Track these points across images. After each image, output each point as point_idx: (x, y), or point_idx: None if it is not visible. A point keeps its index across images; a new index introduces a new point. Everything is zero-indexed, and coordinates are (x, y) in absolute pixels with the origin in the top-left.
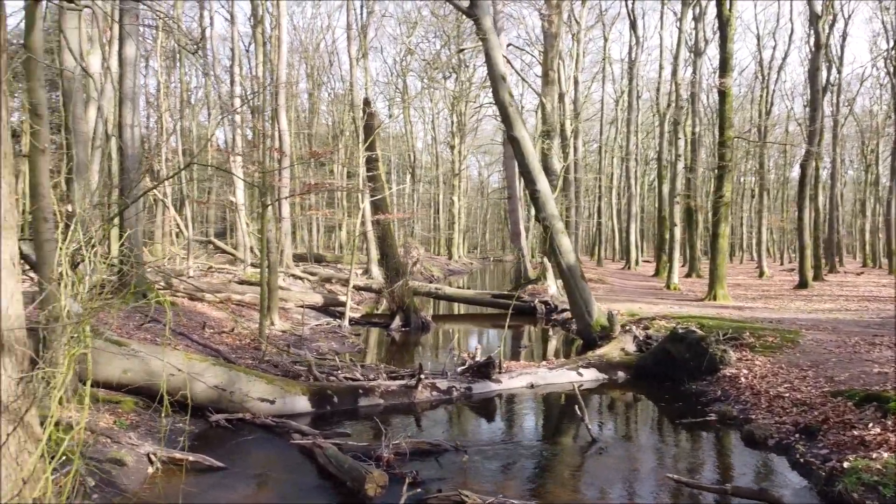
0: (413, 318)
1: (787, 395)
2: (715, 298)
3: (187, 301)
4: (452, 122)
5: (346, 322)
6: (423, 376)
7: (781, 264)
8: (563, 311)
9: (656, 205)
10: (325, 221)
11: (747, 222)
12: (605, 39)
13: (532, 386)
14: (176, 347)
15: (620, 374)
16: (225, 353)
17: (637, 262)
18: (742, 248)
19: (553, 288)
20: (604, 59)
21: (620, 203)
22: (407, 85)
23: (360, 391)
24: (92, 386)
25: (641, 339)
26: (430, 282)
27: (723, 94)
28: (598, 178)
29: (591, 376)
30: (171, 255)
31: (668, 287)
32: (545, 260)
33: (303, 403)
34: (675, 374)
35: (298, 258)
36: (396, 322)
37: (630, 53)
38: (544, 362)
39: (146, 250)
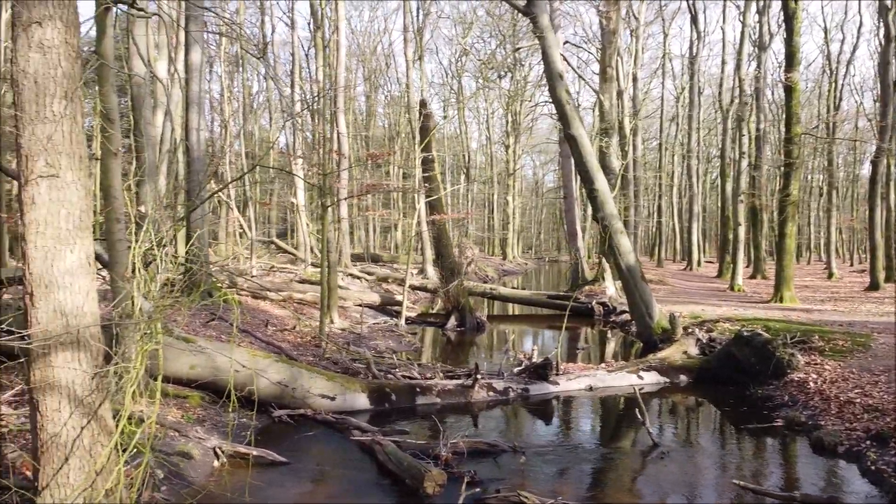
0: (468, 318)
1: (858, 400)
2: (781, 300)
3: (251, 299)
4: (507, 122)
5: (403, 321)
6: (479, 376)
7: (851, 265)
8: (622, 312)
9: (719, 204)
10: (381, 222)
11: (815, 221)
12: (665, 35)
13: (590, 388)
14: (240, 344)
15: (682, 377)
16: (287, 350)
17: (699, 263)
18: (809, 249)
19: (611, 289)
20: (663, 55)
21: (682, 202)
22: (462, 86)
23: (418, 389)
24: (161, 381)
25: (704, 341)
26: (485, 282)
27: (789, 90)
28: (658, 177)
29: (651, 380)
30: (235, 254)
31: (731, 288)
32: (603, 260)
33: (362, 400)
34: (739, 378)
35: (356, 258)
36: (451, 322)
37: (691, 49)
38: (603, 365)
39: (211, 250)
